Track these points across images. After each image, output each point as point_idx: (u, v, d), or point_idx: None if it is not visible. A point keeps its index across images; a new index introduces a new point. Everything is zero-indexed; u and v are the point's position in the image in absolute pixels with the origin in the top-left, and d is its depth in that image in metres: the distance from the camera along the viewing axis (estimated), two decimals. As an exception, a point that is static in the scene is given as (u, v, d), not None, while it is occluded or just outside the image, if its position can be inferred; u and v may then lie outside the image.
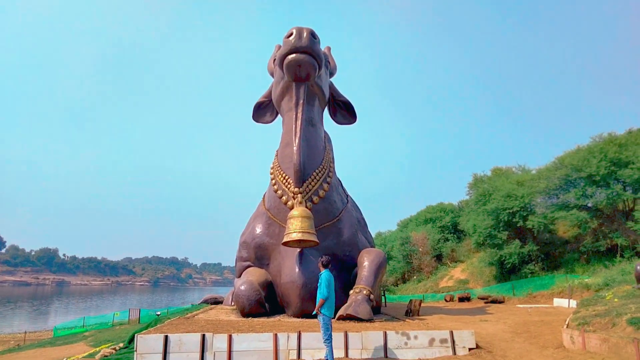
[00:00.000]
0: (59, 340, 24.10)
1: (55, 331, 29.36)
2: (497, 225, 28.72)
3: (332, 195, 13.68)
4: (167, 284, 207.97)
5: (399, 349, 8.46)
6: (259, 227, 14.05)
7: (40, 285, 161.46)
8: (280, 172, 13.50)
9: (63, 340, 23.46)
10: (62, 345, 20.62)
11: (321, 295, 7.20)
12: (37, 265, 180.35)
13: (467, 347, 8.77)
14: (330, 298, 7.31)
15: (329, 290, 7.28)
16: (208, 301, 20.83)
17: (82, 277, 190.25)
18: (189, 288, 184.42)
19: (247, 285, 12.24)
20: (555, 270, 26.35)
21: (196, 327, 9.47)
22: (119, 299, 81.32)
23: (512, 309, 19.42)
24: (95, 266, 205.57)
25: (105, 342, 17.68)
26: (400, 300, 28.90)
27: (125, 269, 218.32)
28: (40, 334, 32.29)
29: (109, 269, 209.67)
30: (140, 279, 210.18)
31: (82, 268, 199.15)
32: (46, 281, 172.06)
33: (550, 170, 27.58)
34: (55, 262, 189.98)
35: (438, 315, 15.90)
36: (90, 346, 18.37)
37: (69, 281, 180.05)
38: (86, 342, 20.11)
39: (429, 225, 43.51)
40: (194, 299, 56.67)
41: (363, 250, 13.39)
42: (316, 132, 13.82)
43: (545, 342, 9.86)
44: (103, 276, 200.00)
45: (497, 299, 23.70)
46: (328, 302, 7.24)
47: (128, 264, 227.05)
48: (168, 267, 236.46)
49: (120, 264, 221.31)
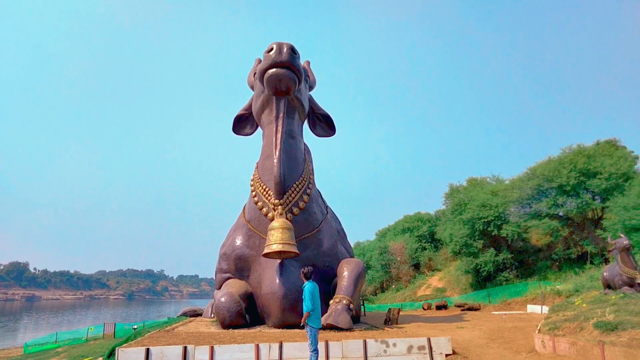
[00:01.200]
0: (29, 357, 23.41)
1: (25, 348, 28.47)
2: (472, 234, 29.36)
3: (312, 206, 13.87)
4: (143, 297, 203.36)
5: (379, 357, 8.67)
6: (239, 238, 14.11)
7: (8, 301, 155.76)
8: (260, 184, 13.63)
9: (34, 357, 22.81)
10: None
11: (306, 308, 7.23)
12: (5, 279, 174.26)
13: (444, 353, 9.04)
14: (316, 309, 7.34)
15: (314, 302, 7.31)
16: (187, 313, 20.65)
17: (53, 292, 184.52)
18: (165, 301, 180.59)
19: (227, 297, 12.28)
20: (529, 278, 27.04)
21: (177, 339, 9.48)
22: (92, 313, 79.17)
23: (488, 315, 19.88)
24: (67, 280, 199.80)
25: (80, 357, 17.32)
26: (379, 310, 29.15)
27: (99, 283, 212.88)
28: (9, 351, 31.19)
29: (82, 283, 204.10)
30: (115, 293, 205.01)
31: (54, 282, 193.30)
32: (15, 296, 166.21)
33: (522, 180, 28.41)
34: (25, 277, 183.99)
35: (416, 323, 16.17)
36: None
37: (39, 296, 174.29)
38: (59, 359, 19.64)
39: (406, 235, 44.01)
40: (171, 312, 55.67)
41: (343, 261, 13.59)
42: (296, 145, 14.04)
43: (519, 347, 10.22)
44: (76, 290, 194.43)
45: (473, 306, 24.18)
46: (314, 313, 7.26)
47: (102, 277, 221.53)
48: (143, 280, 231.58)
49: (93, 277, 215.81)
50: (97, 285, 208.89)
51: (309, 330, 7.23)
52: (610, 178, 24.23)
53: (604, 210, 25.59)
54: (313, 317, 7.26)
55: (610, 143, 29.57)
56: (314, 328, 7.23)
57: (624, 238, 13.77)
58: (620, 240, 13.75)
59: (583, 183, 25.07)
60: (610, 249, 14.46)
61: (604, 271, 14.75)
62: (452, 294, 32.04)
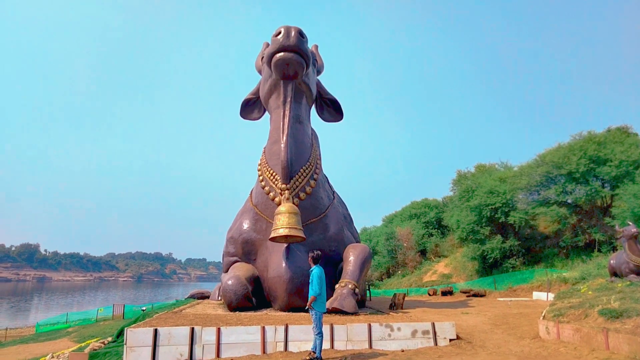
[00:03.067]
0: (41, 336, 23.98)
1: (37, 327, 29.14)
2: (479, 221, 29.29)
3: (318, 191, 13.91)
4: (151, 280, 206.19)
5: (383, 341, 8.77)
6: (246, 222, 14.22)
7: (20, 282, 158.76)
8: (267, 168, 13.68)
9: (46, 336, 23.37)
10: (45, 342, 20.57)
11: (313, 292, 7.35)
12: (17, 261, 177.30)
13: (448, 338, 9.13)
14: (322, 294, 7.45)
15: (321, 287, 7.43)
16: (194, 296, 20.92)
17: (64, 273, 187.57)
18: (173, 284, 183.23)
19: (234, 280, 12.42)
20: (535, 265, 27.03)
21: (185, 320, 9.64)
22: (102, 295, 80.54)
23: (493, 302, 19.96)
24: (77, 262, 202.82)
25: (90, 337, 17.71)
26: (385, 295, 29.35)
27: (108, 265, 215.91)
28: (21, 330, 31.95)
29: (92, 265, 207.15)
30: (124, 275, 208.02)
31: (64, 264, 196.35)
32: (27, 277, 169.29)
33: (531, 167, 28.21)
34: (37, 258, 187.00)
35: (421, 309, 16.30)
36: (74, 342, 18.37)
37: (50, 277, 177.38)
38: (70, 338, 20.09)
39: (413, 221, 44.02)
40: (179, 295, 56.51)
41: (349, 246, 13.67)
42: (303, 130, 14.03)
43: (523, 333, 10.29)
44: (85, 272, 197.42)
45: (478, 292, 24.26)
46: (320, 298, 7.39)
47: (111, 260, 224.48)
48: (152, 263, 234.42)
49: (103, 260, 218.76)
50: (106, 268, 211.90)
51: (314, 314, 7.33)
52: (620, 165, 23.99)
53: (613, 198, 25.39)
54: (319, 302, 7.36)
55: (621, 130, 29.23)
56: (319, 312, 7.34)
57: (632, 226, 13.67)
58: (628, 228, 13.66)
59: (593, 170, 24.85)
60: (618, 237, 14.38)
61: (611, 259, 14.69)
62: (458, 280, 32.14)
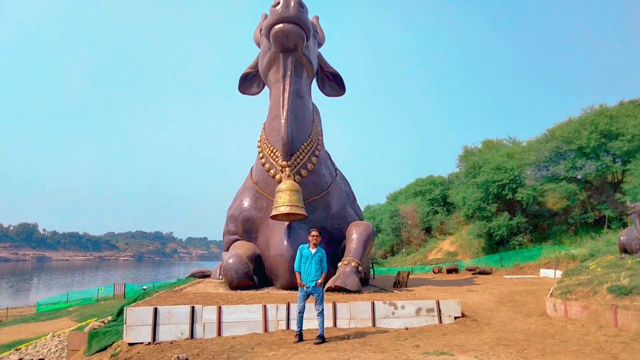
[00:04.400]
0: (42, 315, 24.40)
1: (38, 307, 29.62)
2: (486, 198, 29.29)
3: (320, 168, 13.84)
4: (152, 259, 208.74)
5: (387, 319, 8.85)
6: (246, 200, 14.22)
7: (20, 261, 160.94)
8: (267, 145, 13.58)
9: (47, 315, 23.77)
10: (46, 321, 20.94)
11: (325, 269, 7.56)
12: (16, 240, 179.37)
13: (453, 315, 9.20)
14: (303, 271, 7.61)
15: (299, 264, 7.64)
16: (195, 275, 21.12)
17: (63, 253, 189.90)
18: (174, 263, 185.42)
19: (235, 259, 12.49)
20: (543, 242, 27.11)
21: (185, 299, 9.73)
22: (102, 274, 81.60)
23: (499, 279, 20.10)
24: (76, 241, 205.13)
25: (90, 317, 18.00)
26: (389, 273, 29.61)
27: (108, 244, 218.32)
28: (22, 309, 32.51)
29: (91, 244, 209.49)
30: (124, 254, 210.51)
31: (63, 243, 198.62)
32: (26, 257, 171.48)
33: (540, 142, 28.03)
34: (35, 238, 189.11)
35: (426, 287, 16.43)
36: (75, 321, 18.69)
37: (49, 256, 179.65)
38: (70, 318, 20.43)
39: (418, 198, 44.07)
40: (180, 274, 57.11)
41: (352, 223, 13.69)
42: (304, 105, 13.87)
43: (529, 310, 10.36)
44: (85, 251, 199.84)
45: (484, 270, 24.42)
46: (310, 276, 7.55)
47: (111, 239, 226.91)
48: (152, 242, 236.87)
49: (102, 239, 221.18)
50: (106, 247, 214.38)
51: (321, 292, 7.45)
52: (633, 140, 23.79)
53: (625, 174, 25.28)
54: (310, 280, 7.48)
55: (634, 103, 28.91)
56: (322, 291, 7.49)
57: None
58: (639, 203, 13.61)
59: (604, 145, 24.67)
60: (629, 213, 14.35)
61: (621, 235, 14.69)
62: (464, 258, 32.35)
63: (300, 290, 7.48)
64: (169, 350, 7.08)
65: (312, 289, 7.41)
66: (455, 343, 7.11)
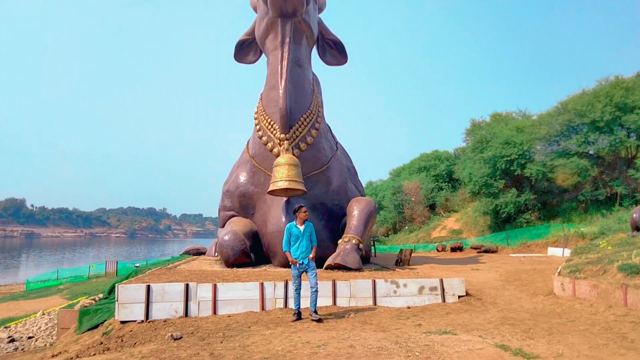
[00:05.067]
0: (32, 293, 24.61)
1: (27, 284, 29.87)
2: (493, 174, 29.24)
3: (320, 141, 13.79)
4: (145, 236, 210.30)
5: (388, 297, 8.93)
6: (243, 175, 14.21)
7: (8, 238, 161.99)
8: (265, 117, 13.49)
9: (37, 293, 23.98)
10: (36, 299, 21.13)
11: (315, 242, 7.68)
12: (3, 216, 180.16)
13: (457, 294, 9.29)
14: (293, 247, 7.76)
15: None
16: (190, 252, 21.29)
17: (52, 229, 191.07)
18: (168, 240, 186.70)
19: (231, 235, 12.56)
20: (551, 220, 27.21)
21: (179, 277, 9.81)
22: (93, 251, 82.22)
23: (505, 258, 20.26)
24: (66, 217, 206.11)
25: (82, 295, 18.18)
26: (391, 251, 29.82)
27: (99, 220, 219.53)
28: (11, 287, 32.78)
29: (82, 220, 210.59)
30: (116, 231, 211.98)
31: (53, 219, 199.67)
32: (14, 233, 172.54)
33: (552, 115, 27.80)
34: (23, 213, 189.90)
35: (429, 265, 16.55)
36: (65, 299, 18.88)
37: (38, 233, 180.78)
38: (61, 296, 20.63)
39: (422, 174, 44.08)
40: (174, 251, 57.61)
41: (353, 199, 13.70)
42: (303, 74, 13.72)
43: (536, 289, 10.45)
44: (75, 228, 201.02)
45: (490, 248, 24.60)
46: None
47: (102, 215, 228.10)
48: (145, 218, 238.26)
49: (93, 215, 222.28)
50: (97, 223, 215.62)
51: (314, 266, 7.52)
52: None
53: (639, 149, 25.19)
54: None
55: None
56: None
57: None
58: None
59: (618, 119, 24.47)
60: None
61: (634, 212, 14.68)
62: (469, 236, 32.54)
63: (294, 268, 7.56)
64: (162, 329, 7.16)
65: (307, 265, 7.51)
66: (459, 322, 7.18)
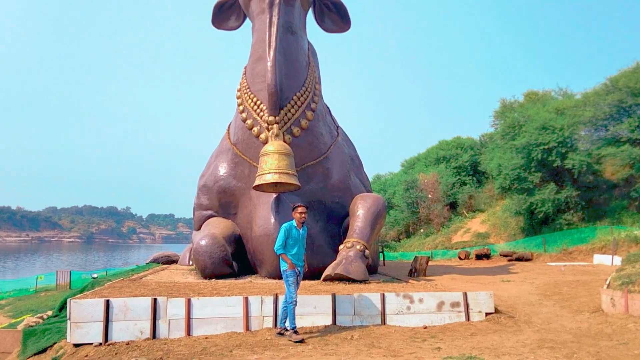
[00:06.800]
0: (-33, 310, 24.57)
1: (-42, 300, 29.78)
2: (528, 165, 29.23)
3: (317, 125, 13.74)
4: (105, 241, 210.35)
5: (400, 315, 8.89)
6: (223, 166, 14.16)
7: None
8: (249, 95, 13.42)
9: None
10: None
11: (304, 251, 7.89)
12: None
13: (484, 311, 9.26)
14: None
15: None
16: (158, 260, 21.28)
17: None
18: (133, 245, 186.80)
19: (209, 240, 12.50)
20: (598, 221, 27.24)
21: (145, 290, 9.74)
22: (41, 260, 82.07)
23: (542, 267, 20.31)
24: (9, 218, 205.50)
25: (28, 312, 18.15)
26: (403, 259, 29.91)
27: (48, 222, 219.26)
28: (-62, 304, 32.67)
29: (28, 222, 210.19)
30: (69, 234, 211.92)
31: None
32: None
33: (599, 94, 27.79)
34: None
35: (449, 275, 16.57)
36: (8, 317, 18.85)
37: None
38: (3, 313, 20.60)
39: (441, 166, 44.08)
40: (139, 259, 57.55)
41: (357, 196, 13.66)
42: (297, 43, 13.65)
43: (580, 305, 10.45)
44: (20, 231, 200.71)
45: (523, 255, 24.64)
46: None
47: (52, 216, 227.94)
48: (105, 220, 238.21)
49: (42, 216, 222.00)
50: (46, 225, 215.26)
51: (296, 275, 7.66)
52: None
53: None
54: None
55: None
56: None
57: None
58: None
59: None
60: None
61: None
62: (498, 241, 32.61)
63: (292, 274, 7.56)
64: (124, 353, 7.11)
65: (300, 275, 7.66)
66: (487, 345, 7.15)
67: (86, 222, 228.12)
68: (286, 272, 7.59)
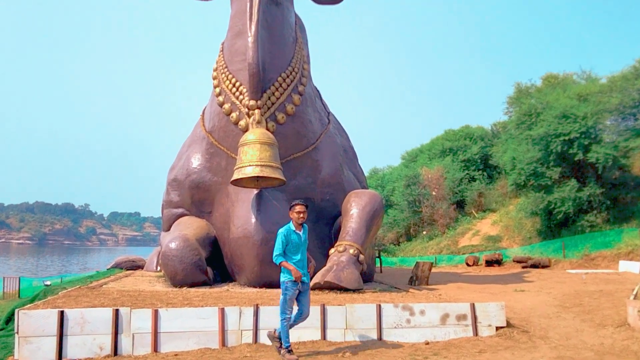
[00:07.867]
0: None
1: None
2: (546, 159, 29.33)
3: (305, 111, 13.74)
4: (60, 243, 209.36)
5: (399, 329, 8.92)
6: (196, 157, 14.13)
7: None
8: (227, 75, 13.38)
9: None
10: None
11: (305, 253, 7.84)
12: None
13: (495, 325, 9.30)
14: None
15: None
16: (121, 265, 21.23)
17: None
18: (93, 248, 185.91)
19: (179, 242, 12.46)
20: (624, 223, 27.39)
21: (106, 300, 9.71)
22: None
23: (561, 275, 20.43)
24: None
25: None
26: (403, 265, 29.99)
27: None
28: None
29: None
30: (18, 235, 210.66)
31: None
32: None
33: (627, 78, 27.92)
34: None
35: (455, 284, 16.64)
36: (-53, 330, 18.69)
37: None
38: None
39: (447, 159, 44.14)
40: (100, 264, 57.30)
41: (351, 193, 13.70)
42: (283, 15, 13.64)
43: (604, 318, 10.52)
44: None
45: (540, 262, 24.76)
46: None
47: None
48: (60, 218, 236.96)
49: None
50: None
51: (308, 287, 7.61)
52: None
53: None
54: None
55: None
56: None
57: None
58: None
59: None
60: None
61: None
62: (511, 245, 32.74)
63: (294, 286, 7.36)
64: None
65: (305, 285, 7.56)
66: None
67: (38, 221, 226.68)
68: (287, 283, 7.32)
